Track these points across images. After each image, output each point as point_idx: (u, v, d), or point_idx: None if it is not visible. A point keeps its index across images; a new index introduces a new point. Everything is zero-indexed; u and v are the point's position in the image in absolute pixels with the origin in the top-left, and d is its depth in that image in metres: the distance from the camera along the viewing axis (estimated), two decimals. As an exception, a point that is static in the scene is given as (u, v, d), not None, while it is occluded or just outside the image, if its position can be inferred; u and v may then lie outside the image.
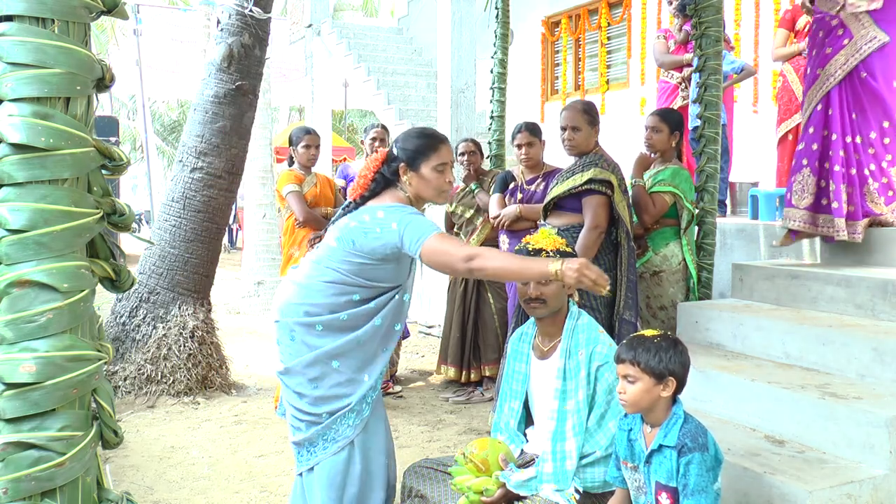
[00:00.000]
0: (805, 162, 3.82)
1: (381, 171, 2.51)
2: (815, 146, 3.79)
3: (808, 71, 3.90)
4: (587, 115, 3.61)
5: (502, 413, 2.71)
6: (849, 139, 3.74)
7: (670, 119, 4.06)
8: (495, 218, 4.62)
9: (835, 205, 3.73)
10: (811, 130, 3.81)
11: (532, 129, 4.57)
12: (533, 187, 4.57)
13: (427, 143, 2.46)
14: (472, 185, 5.09)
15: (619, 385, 2.21)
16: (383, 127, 5.47)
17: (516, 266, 2.27)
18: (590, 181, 3.48)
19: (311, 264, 2.52)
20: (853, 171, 3.74)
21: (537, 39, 10.02)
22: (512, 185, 4.69)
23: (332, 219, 2.60)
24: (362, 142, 5.49)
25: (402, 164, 2.46)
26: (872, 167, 3.73)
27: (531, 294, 2.50)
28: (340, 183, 5.47)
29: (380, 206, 2.45)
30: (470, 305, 5.12)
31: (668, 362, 2.14)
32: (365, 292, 2.45)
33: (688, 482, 2.08)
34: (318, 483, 2.48)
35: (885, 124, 3.71)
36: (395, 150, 2.50)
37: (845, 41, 3.74)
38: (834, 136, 3.76)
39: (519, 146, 4.57)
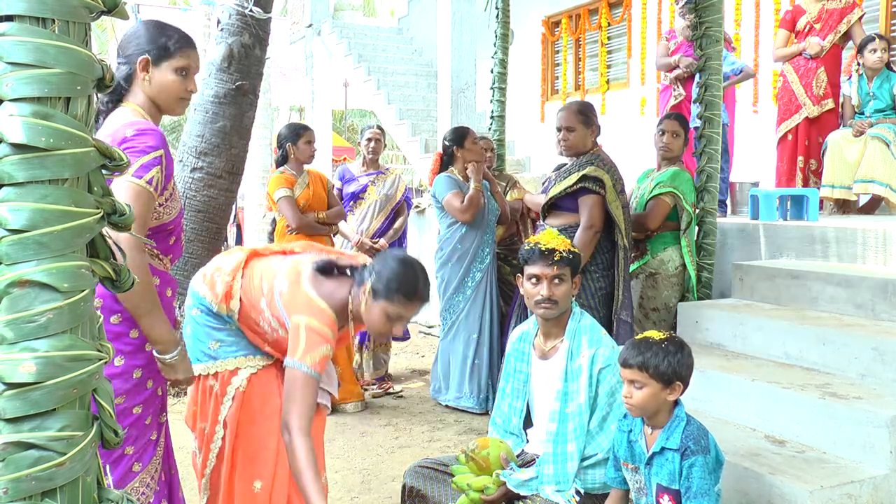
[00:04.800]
0: None
1: None
2: None
3: None
4: (582, 115, 3.61)
5: (501, 411, 2.70)
6: None
7: (685, 123, 4.16)
8: None
9: None
10: None
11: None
12: None
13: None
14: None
15: (624, 389, 2.18)
16: (379, 127, 5.44)
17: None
18: (583, 178, 3.48)
19: None
20: None
21: (537, 39, 10.01)
22: None
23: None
24: (359, 143, 5.44)
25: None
26: None
27: (544, 295, 2.49)
28: (337, 184, 5.35)
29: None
30: None
31: (676, 366, 2.11)
32: None
33: (691, 485, 2.08)
34: None
35: None
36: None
37: None
38: None
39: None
